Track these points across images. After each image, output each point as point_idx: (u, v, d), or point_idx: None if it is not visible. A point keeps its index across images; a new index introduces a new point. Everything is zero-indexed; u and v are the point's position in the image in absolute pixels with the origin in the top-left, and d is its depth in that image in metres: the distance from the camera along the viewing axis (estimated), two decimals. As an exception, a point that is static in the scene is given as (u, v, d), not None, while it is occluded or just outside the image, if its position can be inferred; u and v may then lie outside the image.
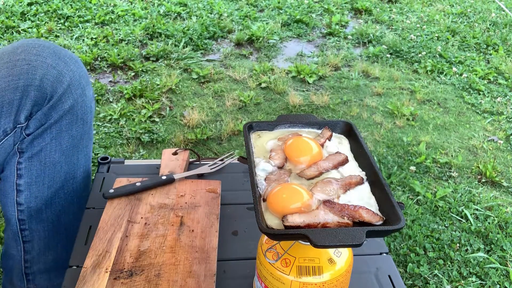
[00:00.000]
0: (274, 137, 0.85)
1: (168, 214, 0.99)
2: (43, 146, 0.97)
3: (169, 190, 1.06)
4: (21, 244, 1.07)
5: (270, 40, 3.31)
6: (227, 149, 2.19)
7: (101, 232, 0.95)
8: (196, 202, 1.03)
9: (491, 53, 3.30)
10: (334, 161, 0.79)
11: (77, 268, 0.90)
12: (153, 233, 0.95)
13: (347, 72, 2.98)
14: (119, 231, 0.95)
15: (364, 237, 0.62)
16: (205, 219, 0.99)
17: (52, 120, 0.96)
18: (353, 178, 0.75)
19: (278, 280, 0.72)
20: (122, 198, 1.03)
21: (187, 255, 0.90)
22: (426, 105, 2.69)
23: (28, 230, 1.06)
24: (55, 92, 0.93)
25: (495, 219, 1.86)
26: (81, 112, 1.00)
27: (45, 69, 0.92)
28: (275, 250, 0.72)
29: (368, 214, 0.68)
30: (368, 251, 0.97)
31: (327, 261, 0.71)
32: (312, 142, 0.81)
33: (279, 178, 0.75)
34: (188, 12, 3.65)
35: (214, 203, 1.04)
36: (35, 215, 1.05)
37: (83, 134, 1.04)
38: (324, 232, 0.63)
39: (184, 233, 0.95)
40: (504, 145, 2.38)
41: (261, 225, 0.65)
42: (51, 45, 0.97)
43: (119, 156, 2.10)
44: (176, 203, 1.03)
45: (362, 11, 3.90)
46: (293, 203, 0.68)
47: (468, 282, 1.59)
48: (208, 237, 0.95)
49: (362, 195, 0.73)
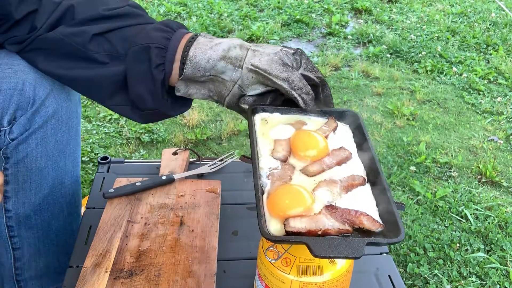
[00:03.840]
0: (282, 123, 0.82)
1: (168, 214, 1.00)
2: (28, 152, 0.95)
3: (169, 190, 1.06)
4: (11, 251, 1.05)
5: (270, 40, 3.31)
6: (227, 149, 2.19)
7: (101, 232, 0.95)
8: (196, 202, 1.03)
9: (491, 53, 3.30)
10: (338, 157, 0.77)
11: (77, 268, 0.90)
12: (153, 233, 0.95)
13: (347, 72, 2.98)
14: (119, 231, 0.95)
15: (364, 250, 0.62)
16: (205, 219, 0.99)
17: (36, 125, 0.94)
18: (356, 179, 0.74)
19: (279, 279, 0.72)
20: (122, 198, 1.03)
21: (187, 255, 0.90)
22: (426, 105, 2.69)
23: (17, 237, 1.04)
24: (37, 96, 0.92)
25: (495, 219, 1.86)
26: (66, 116, 0.99)
27: (27, 73, 0.91)
28: (276, 249, 0.72)
29: (369, 222, 0.67)
30: (368, 251, 0.97)
31: (328, 260, 0.71)
32: (319, 137, 0.79)
33: (282, 175, 0.73)
34: (188, 12, 3.65)
35: (214, 203, 1.04)
36: (23, 221, 1.03)
37: (69, 139, 1.02)
38: (324, 242, 0.63)
39: (184, 233, 0.95)
40: (504, 145, 2.38)
41: (264, 230, 0.64)
42: None
43: (119, 156, 2.10)
44: (176, 203, 1.03)
45: (362, 11, 3.90)
46: (295, 208, 0.67)
47: (468, 282, 1.59)
48: (208, 237, 0.95)
49: (363, 197, 0.73)
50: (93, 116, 2.37)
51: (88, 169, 1.99)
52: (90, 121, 2.33)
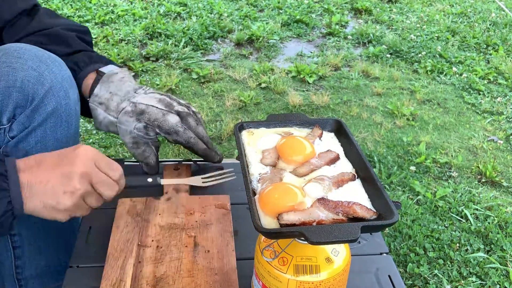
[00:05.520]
0: (266, 135, 0.85)
1: (180, 235, 0.94)
2: (28, 150, 0.95)
3: (177, 209, 1.00)
4: (11, 249, 1.05)
5: (270, 40, 3.31)
6: (227, 149, 2.19)
7: (111, 259, 0.88)
8: (207, 219, 0.98)
9: (491, 53, 3.30)
10: (326, 158, 0.79)
11: (77, 268, 0.90)
12: (167, 257, 0.89)
13: (347, 72, 2.98)
14: (130, 257, 0.88)
15: (359, 232, 0.63)
16: (220, 237, 0.94)
17: (36, 123, 0.94)
18: (345, 175, 0.76)
19: (275, 279, 0.72)
20: (128, 221, 0.97)
21: (207, 278, 0.85)
22: (426, 105, 2.69)
23: (17, 235, 1.04)
24: (36, 94, 0.93)
25: (495, 219, 1.86)
26: (65, 114, 0.99)
27: (25, 71, 0.92)
28: (273, 249, 0.72)
29: (362, 210, 0.69)
30: (368, 251, 0.97)
31: (325, 260, 0.71)
32: (304, 140, 0.82)
33: (272, 178, 0.75)
34: (188, 12, 3.65)
35: (226, 220, 0.98)
36: (24, 219, 1.02)
37: (69, 138, 1.01)
38: (319, 229, 0.64)
39: (200, 254, 0.90)
40: (504, 145, 2.38)
41: (257, 224, 0.65)
42: (33, 49, 0.97)
43: (119, 156, 2.10)
44: (186, 222, 0.97)
45: (362, 11, 3.90)
46: (286, 203, 0.69)
47: (468, 282, 1.59)
48: (226, 257, 0.89)
49: (354, 191, 0.74)
50: (93, 116, 2.37)
51: (88, 169, 1.99)
52: (90, 121, 2.33)
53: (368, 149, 2.25)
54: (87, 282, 0.87)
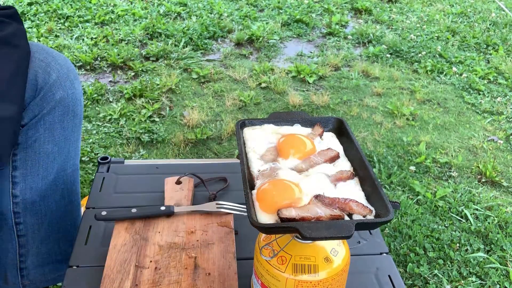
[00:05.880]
0: (267, 133, 0.86)
1: (179, 255, 0.89)
2: (37, 137, 1.00)
3: (177, 227, 0.96)
4: (15, 238, 1.08)
5: (270, 40, 3.31)
6: (227, 149, 2.19)
7: (107, 281, 0.84)
8: (208, 239, 0.93)
9: (491, 53, 3.30)
10: (326, 156, 0.80)
11: (77, 268, 0.90)
12: (165, 280, 0.84)
13: (347, 72, 2.98)
14: (127, 279, 0.84)
15: (354, 229, 0.63)
16: (222, 259, 0.89)
17: (45, 111, 0.99)
18: (344, 173, 0.77)
19: (274, 278, 0.72)
20: (126, 239, 0.92)
21: None
22: (426, 105, 2.69)
23: (23, 223, 1.07)
24: (44, 83, 0.98)
25: (495, 219, 1.86)
26: (72, 104, 1.03)
27: (33, 61, 0.98)
28: (271, 248, 0.72)
29: (358, 207, 0.69)
30: (368, 251, 0.97)
31: (324, 259, 0.71)
32: (305, 138, 0.82)
33: (271, 174, 0.76)
34: (188, 12, 3.65)
35: (228, 239, 0.93)
36: (30, 207, 1.06)
37: (74, 127, 1.06)
38: (314, 225, 0.64)
39: (200, 277, 0.85)
40: (504, 145, 2.38)
41: (253, 219, 0.66)
42: (39, 44, 1.03)
43: (119, 156, 2.10)
44: (187, 242, 0.92)
45: (362, 11, 3.90)
46: (284, 199, 0.69)
47: (468, 282, 1.59)
48: (227, 281, 0.84)
49: (351, 189, 0.75)
50: (93, 116, 2.37)
51: (88, 169, 1.99)
52: (90, 121, 2.33)
53: (368, 149, 2.25)
54: (87, 282, 0.87)
